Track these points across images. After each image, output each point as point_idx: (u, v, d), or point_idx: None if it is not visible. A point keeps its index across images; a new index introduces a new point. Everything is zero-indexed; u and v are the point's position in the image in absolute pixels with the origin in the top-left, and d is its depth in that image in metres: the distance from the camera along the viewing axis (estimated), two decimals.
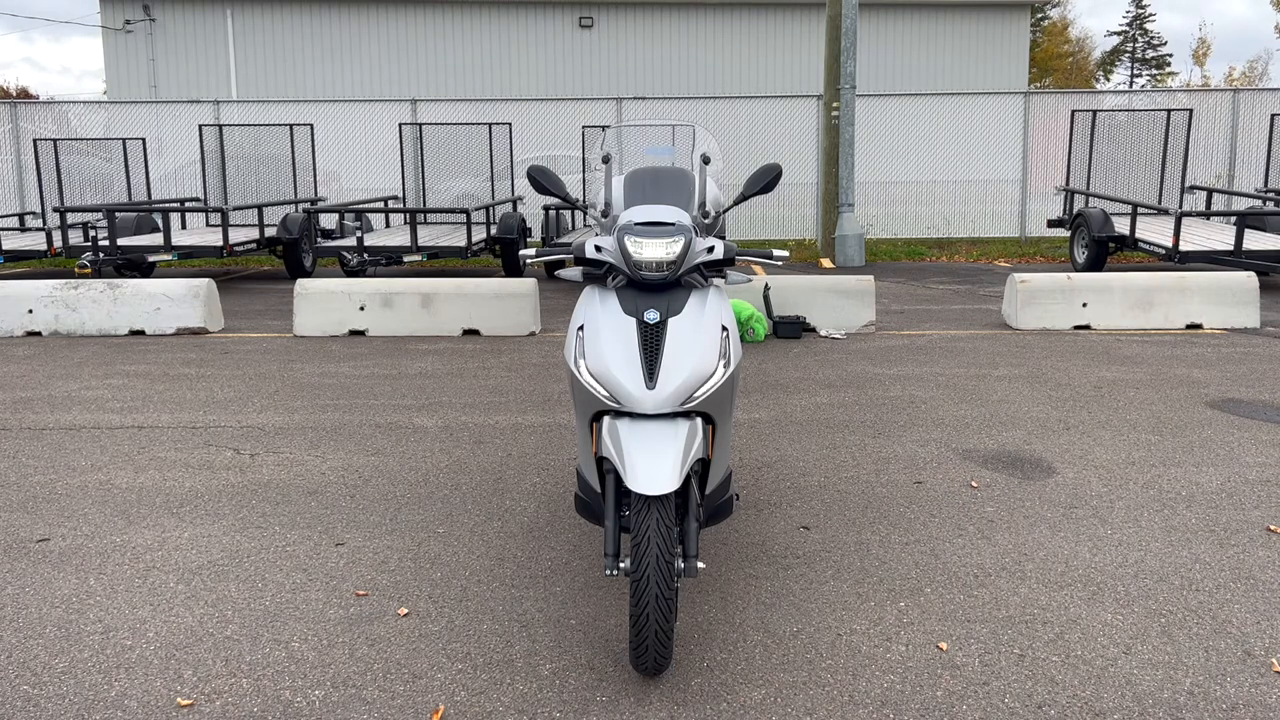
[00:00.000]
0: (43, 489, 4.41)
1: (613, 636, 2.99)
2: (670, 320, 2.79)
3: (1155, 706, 2.59)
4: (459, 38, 21.59)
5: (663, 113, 16.12)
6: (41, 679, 2.76)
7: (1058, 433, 5.16)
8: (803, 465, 4.66)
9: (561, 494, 4.28)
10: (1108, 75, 59.55)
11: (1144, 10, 59.14)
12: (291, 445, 5.03)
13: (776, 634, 3.00)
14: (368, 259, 10.99)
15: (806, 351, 7.41)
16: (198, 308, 8.49)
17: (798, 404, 5.82)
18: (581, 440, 2.94)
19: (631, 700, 2.64)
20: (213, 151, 13.45)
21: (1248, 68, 55.20)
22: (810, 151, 15.61)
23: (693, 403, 2.72)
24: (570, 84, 21.35)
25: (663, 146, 4.14)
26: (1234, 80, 52.07)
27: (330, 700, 2.64)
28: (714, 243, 2.96)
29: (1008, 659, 2.84)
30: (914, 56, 21.84)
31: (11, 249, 11.75)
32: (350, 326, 8.31)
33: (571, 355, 2.86)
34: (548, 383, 6.42)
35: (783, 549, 3.65)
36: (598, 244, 2.96)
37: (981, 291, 10.80)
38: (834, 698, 2.65)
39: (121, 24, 21.16)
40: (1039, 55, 44.93)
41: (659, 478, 2.54)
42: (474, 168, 13.95)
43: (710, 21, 21.79)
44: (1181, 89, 16.51)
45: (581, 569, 3.48)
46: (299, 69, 21.44)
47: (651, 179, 3.23)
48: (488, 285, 8.35)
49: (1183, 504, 4.10)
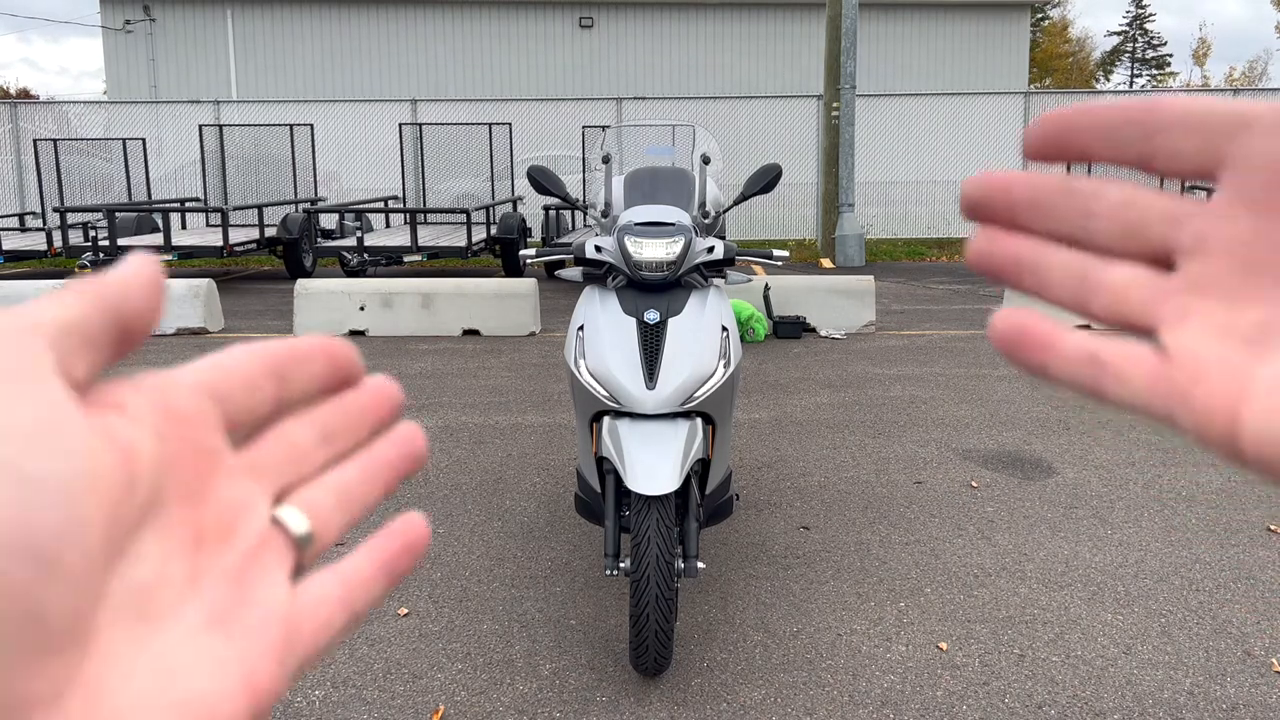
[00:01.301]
0: None
1: (613, 636, 2.99)
2: (670, 320, 2.80)
3: (1155, 706, 2.59)
4: (459, 38, 21.59)
5: (663, 113, 16.12)
6: None
7: (1058, 433, 5.16)
8: (803, 465, 4.66)
9: (561, 494, 4.28)
10: (1108, 75, 59.58)
11: (1144, 10, 59.17)
12: None
13: (776, 634, 3.00)
14: (368, 259, 10.99)
15: (806, 351, 7.41)
16: (198, 308, 8.50)
17: (798, 404, 5.82)
18: (581, 440, 2.94)
19: (631, 700, 2.64)
20: (213, 151, 13.46)
21: (1248, 68, 55.26)
22: (810, 151, 15.61)
23: (693, 403, 2.72)
24: (570, 84, 21.35)
25: (663, 146, 4.14)
26: (1234, 81, 52.10)
27: (330, 700, 2.64)
28: (714, 243, 2.96)
29: (1008, 659, 2.84)
30: (914, 56, 21.84)
31: (11, 249, 11.75)
32: (350, 326, 8.31)
33: (571, 355, 2.86)
34: (548, 383, 6.42)
35: (783, 549, 3.65)
36: (598, 244, 2.96)
37: (982, 291, 10.80)
38: (834, 698, 2.65)
39: (121, 24, 21.17)
40: (1039, 55, 44.96)
41: (659, 478, 2.54)
42: (474, 168, 13.95)
43: (710, 21, 21.79)
44: (1182, 89, 16.50)
45: (581, 569, 3.48)
46: (299, 69, 21.45)
47: (651, 179, 3.23)
48: (488, 285, 8.35)
49: (1183, 504, 4.10)
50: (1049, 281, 0.31)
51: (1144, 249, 0.29)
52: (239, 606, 0.26)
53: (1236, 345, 0.27)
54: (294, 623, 0.27)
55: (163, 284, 0.27)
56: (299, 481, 0.30)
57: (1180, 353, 0.27)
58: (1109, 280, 0.30)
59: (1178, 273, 0.29)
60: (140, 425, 0.25)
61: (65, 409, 0.23)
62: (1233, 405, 0.26)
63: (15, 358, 0.22)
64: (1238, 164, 0.27)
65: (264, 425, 0.29)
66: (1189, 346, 0.27)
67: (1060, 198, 0.30)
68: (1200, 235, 0.28)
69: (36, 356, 0.23)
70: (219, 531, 0.27)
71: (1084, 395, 0.29)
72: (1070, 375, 0.29)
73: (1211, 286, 0.28)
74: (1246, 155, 0.27)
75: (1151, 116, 0.29)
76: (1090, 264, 0.30)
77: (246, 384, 0.29)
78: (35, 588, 0.21)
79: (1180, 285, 0.28)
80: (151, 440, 0.25)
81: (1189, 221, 0.28)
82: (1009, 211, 0.31)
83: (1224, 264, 0.28)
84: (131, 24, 21.13)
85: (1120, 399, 0.28)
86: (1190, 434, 0.27)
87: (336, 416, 0.31)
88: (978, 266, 0.32)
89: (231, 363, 0.29)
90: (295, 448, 0.30)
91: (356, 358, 0.32)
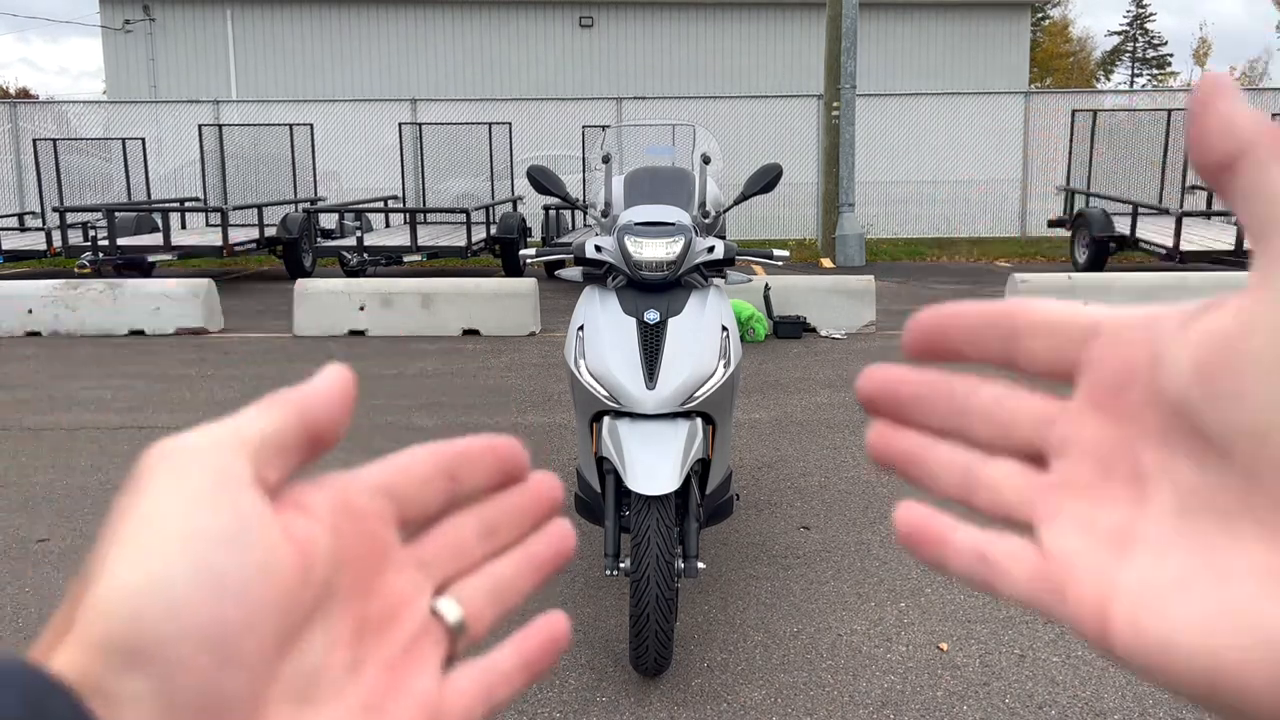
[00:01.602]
0: (43, 489, 4.41)
1: (613, 636, 2.99)
2: (670, 320, 2.79)
3: (1155, 706, 2.58)
4: (459, 38, 21.58)
5: (663, 113, 16.11)
6: None
7: None
8: (803, 465, 4.66)
9: None
10: (1108, 75, 59.58)
11: (1144, 10, 59.16)
12: None
13: (776, 634, 3.00)
14: (368, 259, 10.99)
15: (806, 351, 7.41)
16: (198, 308, 8.49)
17: (798, 404, 5.82)
18: (581, 440, 2.94)
19: (631, 700, 2.64)
20: (212, 151, 13.45)
21: (1248, 67, 55.25)
22: (810, 151, 15.61)
23: (693, 403, 2.72)
24: (570, 84, 21.33)
25: (663, 146, 4.13)
26: (1234, 80, 52.02)
27: None
28: (714, 243, 2.96)
29: (1008, 659, 2.84)
30: (914, 56, 21.84)
31: (11, 249, 11.75)
32: (350, 326, 8.31)
33: (571, 355, 2.86)
34: (548, 383, 6.42)
35: (783, 549, 3.65)
36: (598, 244, 2.96)
37: (982, 291, 10.80)
38: (834, 698, 2.65)
39: (121, 24, 21.16)
40: (1039, 55, 44.95)
41: (659, 478, 2.54)
42: (474, 168, 13.95)
43: (710, 21, 21.78)
44: (1182, 89, 16.53)
45: (581, 569, 3.48)
46: (299, 69, 21.45)
47: (651, 179, 3.23)
48: (488, 285, 8.35)
49: None
50: (936, 475, 0.32)
51: (1018, 446, 0.31)
52: (392, 693, 0.29)
53: (1101, 545, 0.28)
54: (438, 711, 0.30)
55: (352, 395, 0.31)
56: (459, 574, 0.33)
57: (1053, 551, 0.29)
58: (988, 476, 0.31)
59: (1051, 470, 0.30)
60: (320, 523, 0.28)
61: (256, 514, 0.26)
62: (1101, 607, 0.27)
63: (219, 471, 0.26)
64: (1089, 369, 0.29)
65: (434, 519, 0.33)
66: (1060, 545, 0.29)
67: (940, 397, 0.32)
68: (1064, 437, 0.30)
69: (238, 468, 0.27)
70: (382, 621, 0.30)
71: (976, 588, 0.31)
72: (963, 570, 0.31)
73: (1076, 486, 0.29)
74: (1095, 361, 0.29)
75: (1011, 322, 0.31)
76: (973, 460, 0.32)
77: (421, 483, 0.32)
78: (216, 674, 0.24)
79: (1052, 482, 0.30)
80: (328, 537, 0.28)
81: (1055, 423, 0.30)
82: (898, 408, 0.33)
83: (1085, 465, 0.29)
84: (131, 24, 21.13)
85: (1007, 594, 0.30)
86: (1070, 629, 0.28)
87: (499, 513, 0.34)
88: (875, 459, 0.34)
89: (409, 462, 0.32)
90: (459, 542, 0.33)
91: (524, 457, 0.34)
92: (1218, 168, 0.27)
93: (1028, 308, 0.31)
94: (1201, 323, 0.26)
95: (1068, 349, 0.30)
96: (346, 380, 0.30)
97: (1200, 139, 0.27)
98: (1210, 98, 0.28)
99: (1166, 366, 0.26)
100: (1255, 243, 0.25)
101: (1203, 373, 0.25)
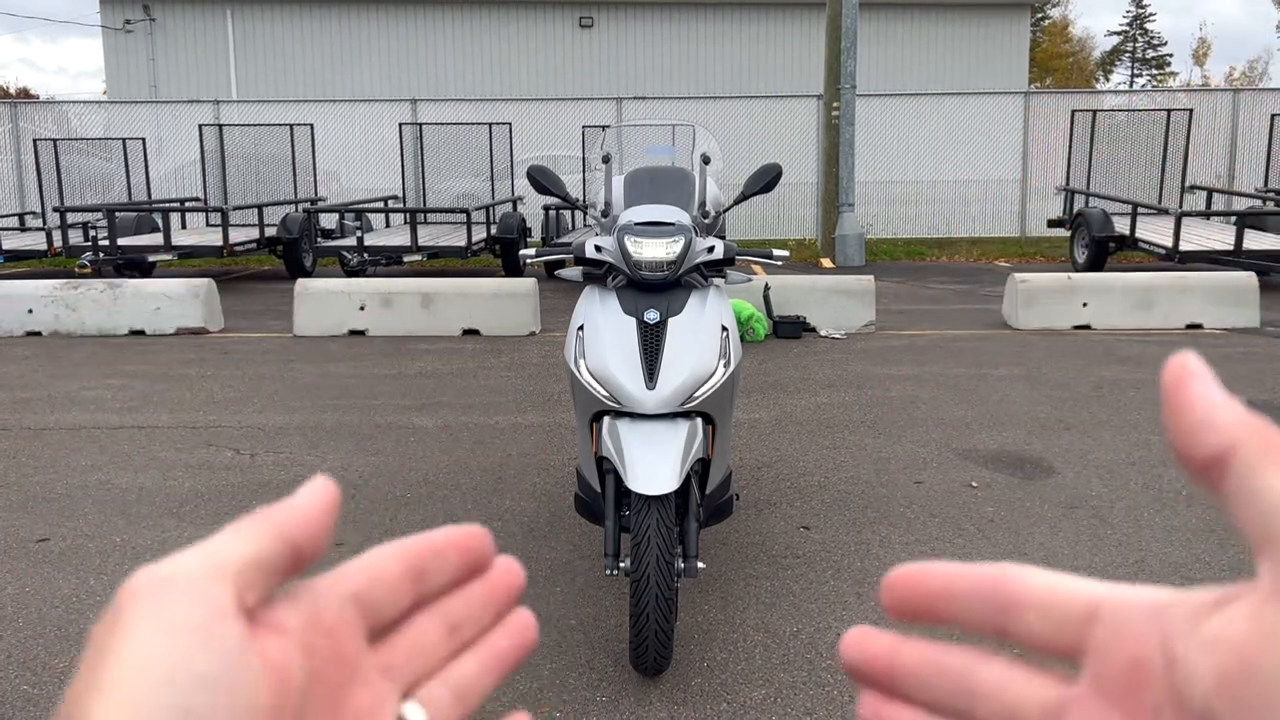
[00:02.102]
0: (43, 489, 4.41)
1: (613, 636, 2.99)
2: (670, 320, 2.79)
3: None
4: (459, 38, 21.58)
5: (663, 113, 16.11)
6: (41, 679, 2.76)
7: (1057, 433, 5.16)
8: (803, 465, 4.66)
9: (561, 494, 4.28)
10: (1108, 75, 59.57)
11: (1144, 10, 59.15)
12: (291, 445, 5.03)
13: (776, 634, 3.00)
14: (368, 259, 10.99)
15: (806, 351, 7.41)
16: (198, 308, 8.49)
17: (798, 404, 5.82)
18: (581, 440, 2.94)
19: (631, 700, 2.64)
20: (213, 151, 13.45)
21: (1248, 67, 55.26)
22: (810, 151, 15.61)
23: (693, 403, 2.72)
24: (570, 84, 21.34)
25: (663, 146, 4.13)
26: (1234, 80, 52.10)
27: None
28: (714, 242, 2.96)
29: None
30: (914, 56, 21.84)
31: (11, 249, 11.74)
32: (350, 326, 8.31)
33: (571, 355, 2.86)
34: (548, 383, 6.42)
35: (783, 549, 3.65)
36: (598, 244, 2.96)
37: (981, 291, 10.80)
38: (834, 698, 2.65)
39: (121, 24, 21.16)
40: (1039, 55, 44.94)
41: (659, 478, 2.54)
42: (474, 168, 13.95)
43: (710, 21, 21.78)
44: (1182, 89, 16.53)
45: (581, 569, 3.48)
46: (299, 69, 21.45)
47: (651, 179, 3.23)
48: (488, 285, 8.35)
49: (1183, 504, 4.10)
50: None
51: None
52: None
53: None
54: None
55: (335, 511, 0.31)
56: (424, 676, 0.33)
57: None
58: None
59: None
60: (294, 643, 0.29)
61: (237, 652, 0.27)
62: None
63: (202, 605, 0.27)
64: (1095, 658, 0.28)
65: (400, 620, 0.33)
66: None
67: (936, 675, 0.31)
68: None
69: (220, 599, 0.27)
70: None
71: None
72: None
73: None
74: (1101, 650, 0.28)
75: (998, 593, 0.30)
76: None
77: (390, 589, 0.32)
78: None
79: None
80: (301, 658, 0.29)
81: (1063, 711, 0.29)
82: (890, 681, 0.32)
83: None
84: (131, 24, 21.13)
85: None
86: None
87: (463, 607, 0.34)
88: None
89: (378, 568, 0.32)
90: (424, 645, 0.33)
91: (490, 548, 0.35)
92: (1204, 467, 0.26)
93: (1018, 581, 0.30)
94: (1215, 625, 0.25)
95: (1067, 629, 0.29)
96: (330, 494, 0.31)
97: (1182, 436, 0.26)
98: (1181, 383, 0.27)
99: (1185, 672, 0.25)
100: (1257, 548, 0.25)
101: (1225, 684, 0.24)
